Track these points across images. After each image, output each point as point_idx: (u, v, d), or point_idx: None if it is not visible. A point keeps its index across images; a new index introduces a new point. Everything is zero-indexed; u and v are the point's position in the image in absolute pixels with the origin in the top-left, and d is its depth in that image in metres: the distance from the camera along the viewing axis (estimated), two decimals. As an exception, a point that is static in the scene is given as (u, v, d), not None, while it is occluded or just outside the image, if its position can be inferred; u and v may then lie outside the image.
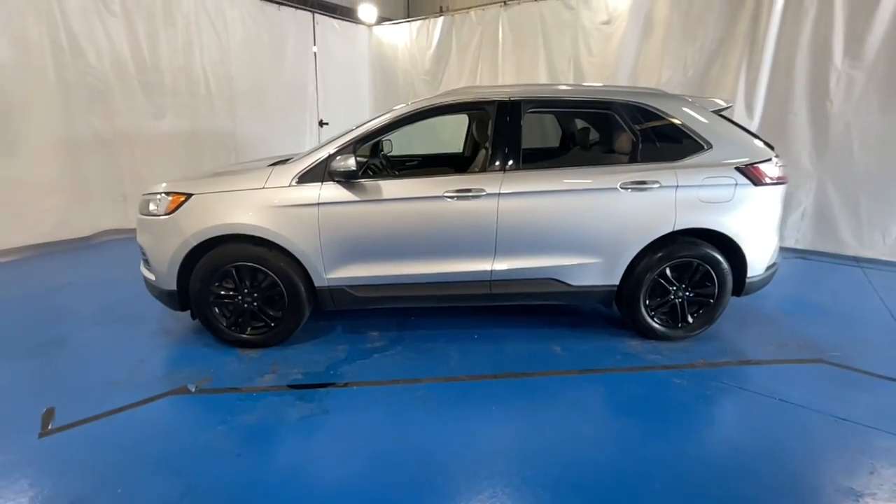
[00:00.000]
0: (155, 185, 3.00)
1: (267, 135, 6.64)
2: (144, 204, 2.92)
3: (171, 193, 2.84)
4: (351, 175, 2.74)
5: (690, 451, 2.13)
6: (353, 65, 8.00)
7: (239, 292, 2.85)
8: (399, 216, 2.83)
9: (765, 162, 2.94)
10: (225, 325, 2.91)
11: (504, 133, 2.92)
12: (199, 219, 2.76)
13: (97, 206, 5.27)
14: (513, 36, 6.67)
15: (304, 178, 2.80)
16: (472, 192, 2.81)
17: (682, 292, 3.01)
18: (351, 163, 2.71)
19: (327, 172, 2.78)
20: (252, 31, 6.36)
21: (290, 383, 2.63)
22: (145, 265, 3.01)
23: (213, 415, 2.36)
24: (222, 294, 2.86)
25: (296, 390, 2.57)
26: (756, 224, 2.95)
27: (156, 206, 2.85)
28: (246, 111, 6.42)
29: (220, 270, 2.80)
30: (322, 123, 7.46)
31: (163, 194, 2.85)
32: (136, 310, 3.50)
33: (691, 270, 2.96)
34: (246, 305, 2.88)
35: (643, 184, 2.85)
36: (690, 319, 3.05)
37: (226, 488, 1.90)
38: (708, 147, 2.94)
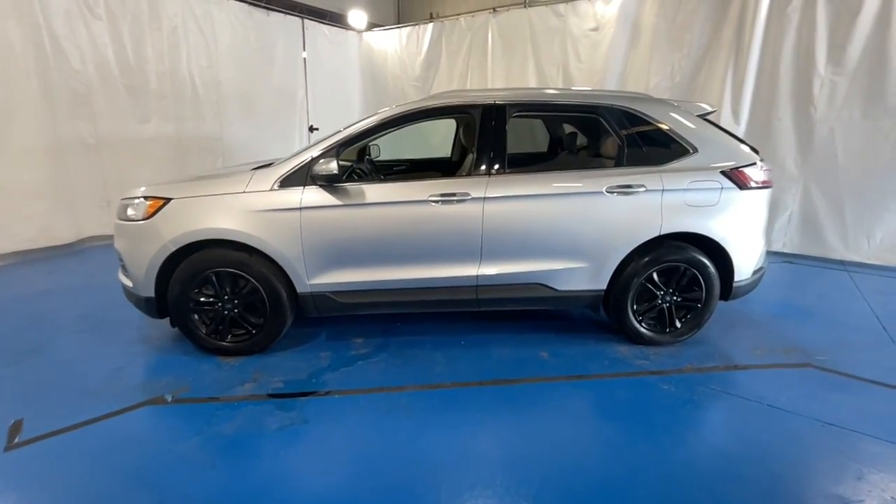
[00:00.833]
0: (134, 189, 2.95)
1: (255, 139, 6.58)
2: (122, 208, 2.85)
3: (149, 198, 2.77)
4: (333, 179, 2.70)
5: (678, 456, 2.11)
6: (344, 70, 7.98)
7: (219, 299, 2.79)
8: (383, 220, 2.79)
9: (750, 166, 2.95)
10: (205, 332, 2.84)
11: (489, 137, 2.90)
12: (177, 223, 2.70)
13: (81, 212, 5.16)
14: (502, 42, 6.69)
15: (287, 182, 2.76)
16: (457, 195, 2.78)
17: (669, 297, 2.99)
18: (333, 166, 2.67)
19: (310, 176, 2.74)
20: (240, 35, 6.32)
21: (271, 392, 2.57)
22: (123, 271, 2.94)
23: (190, 425, 2.29)
24: (202, 301, 2.79)
25: (276, 399, 2.51)
26: (742, 228, 2.95)
27: (134, 210, 2.79)
28: (234, 116, 6.36)
29: (200, 276, 2.73)
30: (312, 129, 7.43)
31: (141, 199, 2.79)
32: (116, 317, 3.42)
33: (678, 275, 2.95)
34: (226, 312, 2.82)
35: (629, 188, 2.84)
36: (678, 324, 3.04)
37: (200, 501, 1.84)
38: (693, 151, 2.94)
